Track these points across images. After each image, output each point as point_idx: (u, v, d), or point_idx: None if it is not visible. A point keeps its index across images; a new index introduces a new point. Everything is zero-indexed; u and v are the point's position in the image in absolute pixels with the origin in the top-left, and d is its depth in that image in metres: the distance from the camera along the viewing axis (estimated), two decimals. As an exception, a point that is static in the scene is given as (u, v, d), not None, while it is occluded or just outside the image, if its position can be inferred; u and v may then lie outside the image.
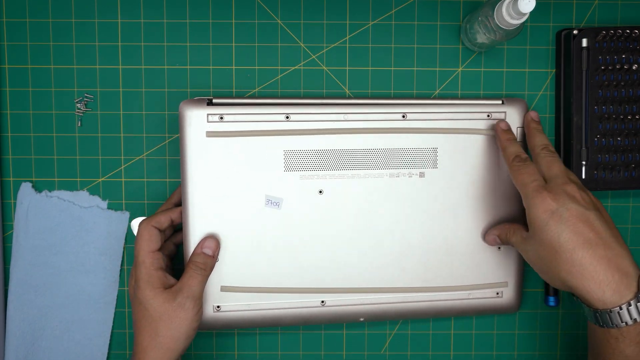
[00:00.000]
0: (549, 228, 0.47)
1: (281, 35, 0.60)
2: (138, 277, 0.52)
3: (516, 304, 0.60)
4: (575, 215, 0.47)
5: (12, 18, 0.59)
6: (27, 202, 0.60)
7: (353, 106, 0.56)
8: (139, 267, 0.52)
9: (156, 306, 0.50)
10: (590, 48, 0.57)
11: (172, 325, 0.50)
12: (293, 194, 0.56)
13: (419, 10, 0.60)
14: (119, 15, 0.59)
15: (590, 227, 0.47)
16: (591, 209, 0.48)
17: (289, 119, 0.55)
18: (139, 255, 0.52)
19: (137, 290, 0.51)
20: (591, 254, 0.46)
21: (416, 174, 0.57)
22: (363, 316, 0.58)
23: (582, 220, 0.47)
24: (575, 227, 0.47)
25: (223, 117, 0.54)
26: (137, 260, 0.52)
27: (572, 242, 0.46)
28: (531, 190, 0.49)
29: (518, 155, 0.53)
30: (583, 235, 0.47)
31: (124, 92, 0.60)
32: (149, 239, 0.52)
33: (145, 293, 0.51)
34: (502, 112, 0.57)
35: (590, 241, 0.46)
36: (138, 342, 0.51)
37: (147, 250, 0.52)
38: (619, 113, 0.58)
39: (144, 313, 0.51)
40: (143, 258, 0.52)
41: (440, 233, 0.58)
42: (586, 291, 0.46)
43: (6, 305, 0.60)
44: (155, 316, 0.50)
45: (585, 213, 0.47)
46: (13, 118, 0.60)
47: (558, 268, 0.47)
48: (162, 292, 0.51)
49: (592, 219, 0.47)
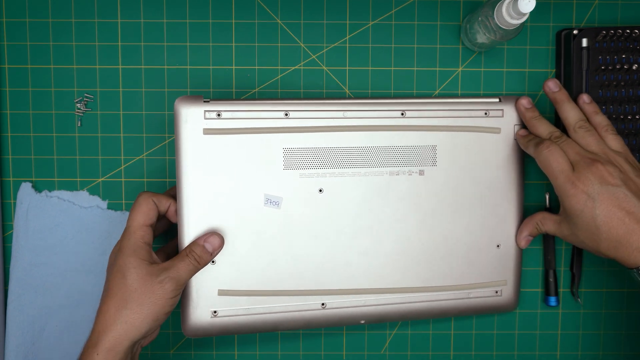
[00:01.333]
0: (584, 215, 0.51)
1: (281, 35, 0.60)
2: (124, 245, 0.50)
3: (515, 302, 0.60)
4: (606, 198, 0.50)
5: (12, 18, 0.59)
6: (27, 202, 0.60)
7: (352, 104, 0.55)
8: (130, 236, 0.50)
9: (136, 276, 0.48)
10: (590, 48, 0.57)
11: (145, 300, 0.48)
12: (293, 193, 0.55)
13: (419, 10, 0.60)
14: (119, 15, 0.59)
15: (621, 205, 0.49)
16: (620, 185, 0.50)
17: (288, 116, 0.54)
18: (132, 226, 0.50)
19: (120, 257, 0.49)
20: (624, 230, 0.49)
21: (416, 171, 0.56)
22: (364, 318, 0.58)
23: (612, 200, 0.50)
24: (607, 210, 0.50)
25: (220, 114, 0.53)
26: (129, 230, 0.50)
27: (607, 224, 0.50)
28: (561, 183, 0.51)
29: (541, 143, 0.53)
30: (616, 215, 0.49)
31: (124, 92, 0.60)
32: (146, 212, 0.51)
33: (129, 260, 0.49)
34: (499, 110, 0.57)
35: (623, 219, 0.49)
36: (102, 313, 0.48)
37: (141, 222, 0.50)
38: (619, 113, 0.58)
39: (119, 281, 0.48)
40: (135, 229, 0.50)
41: (440, 231, 0.58)
42: (625, 259, 0.50)
43: (6, 305, 0.60)
44: (131, 287, 0.48)
45: (615, 192, 0.50)
46: (13, 118, 0.60)
47: (598, 245, 0.51)
48: (146, 264, 0.49)
49: (622, 196, 0.50)
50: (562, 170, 0.51)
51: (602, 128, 0.54)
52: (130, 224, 0.51)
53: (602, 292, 0.63)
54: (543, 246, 0.62)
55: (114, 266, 0.49)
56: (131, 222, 0.51)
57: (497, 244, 0.59)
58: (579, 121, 0.54)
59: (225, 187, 0.53)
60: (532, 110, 0.56)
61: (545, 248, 0.62)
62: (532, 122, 0.56)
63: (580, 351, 0.63)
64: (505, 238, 0.59)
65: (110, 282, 0.49)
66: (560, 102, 0.55)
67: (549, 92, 0.56)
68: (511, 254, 0.59)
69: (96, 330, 0.48)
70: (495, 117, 0.57)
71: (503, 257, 0.59)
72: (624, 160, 0.52)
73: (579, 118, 0.54)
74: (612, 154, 0.52)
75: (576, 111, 0.54)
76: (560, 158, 0.52)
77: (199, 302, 0.54)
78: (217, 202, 0.53)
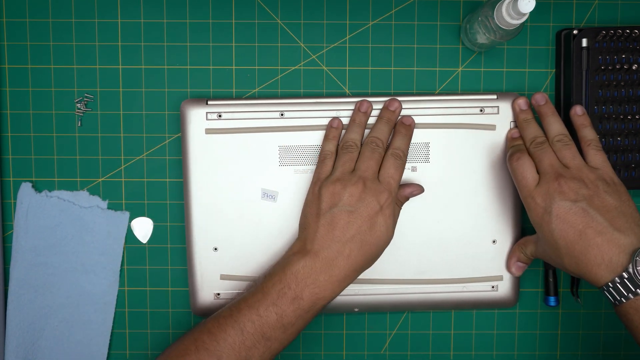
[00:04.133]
0: (543, 229, 0.51)
1: (281, 35, 0.60)
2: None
3: (513, 299, 0.61)
4: (561, 212, 0.49)
5: (12, 18, 0.59)
6: (27, 202, 0.60)
7: (346, 103, 0.58)
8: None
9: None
10: (590, 48, 0.57)
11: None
12: (288, 187, 0.58)
13: (419, 10, 0.60)
14: (119, 15, 0.59)
15: (579, 218, 0.48)
16: (579, 200, 0.49)
17: (283, 116, 0.57)
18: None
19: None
20: (582, 245, 0.48)
21: (408, 168, 0.58)
22: (357, 307, 0.60)
23: (568, 215, 0.49)
24: (563, 224, 0.49)
25: (221, 115, 0.57)
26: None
27: (565, 239, 0.49)
28: (524, 196, 0.52)
29: (514, 152, 0.54)
30: (573, 229, 0.49)
31: (124, 92, 0.60)
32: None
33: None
34: (495, 107, 0.58)
35: (581, 232, 0.48)
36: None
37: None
38: (619, 113, 0.58)
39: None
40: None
41: (433, 226, 0.59)
42: (588, 276, 0.49)
43: (6, 305, 0.60)
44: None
45: (572, 207, 0.49)
46: (13, 118, 0.60)
47: (562, 261, 0.50)
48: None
49: (579, 211, 0.49)
50: (525, 184, 0.52)
51: (586, 142, 0.53)
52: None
53: (602, 292, 0.63)
54: (543, 246, 0.62)
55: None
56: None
57: (493, 240, 0.59)
58: (559, 135, 0.53)
59: (226, 182, 0.58)
60: (526, 112, 0.56)
61: (545, 248, 0.62)
62: (522, 124, 0.56)
63: (580, 351, 0.63)
64: (501, 234, 0.59)
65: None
66: (545, 115, 0.55)
67: (535, 105, 0.56)
68: (507, 251, 0.59)
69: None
70: (490, 114, 0.58)
71: (499, 253, 0.59)
72: (598, 177, 0.51)
73: (559, 132, 0.53)
74: (587, 170, 0.51)
75: (558, 125, 0.54)
76: (527, 172, 0.52)
77: (203, 285, 0.59)
78: (219, 196, 0.58)
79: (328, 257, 0.50)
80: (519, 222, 0.59)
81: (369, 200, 0.51)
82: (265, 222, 0.58)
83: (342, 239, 0.50)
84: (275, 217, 0.58)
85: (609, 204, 0.49)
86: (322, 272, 0.50)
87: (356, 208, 0.51)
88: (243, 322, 0.50)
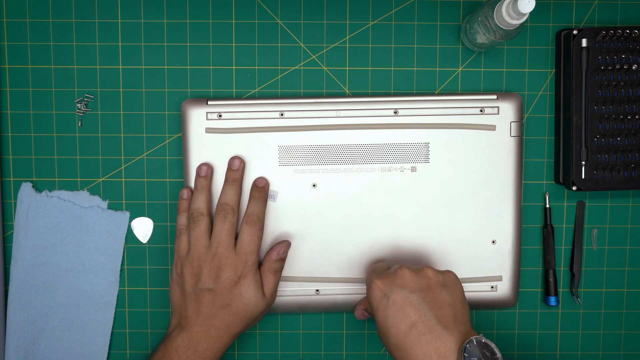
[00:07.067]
0: (379, 312, 0.50)
1: (281, 35, 0.60)
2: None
3: (512, 299, 0.61)
4: (399, 300, 0.49)
5: (12, 18, 0.59)
6: (28, 202, 0.60)
7: (345, 103, 0.58)
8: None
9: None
10: (590, 48, 0.57)
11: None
12: (288, 187, 0.58)
13: (419, 10, 0.60)
14: (119, 15, 0.59)
15: (411, 312, 0.48)
16: (417, 291, 0.49)
17: (283, 116, 0.58)
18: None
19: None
20: (412, 339, 0.47)
21: (408, 168, 0.58)
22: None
23: (404, 304, 0.49)
24: (399, 312, 0.49)
25: (221, 115, 0.57)
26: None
27: (396, 327, 0.48)
28: (367, 277, 0.54)
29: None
30: (406, 320, 0.48)
31: (124, 92, 0.60)
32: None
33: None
34: (495, 107, 0.58)
35: (412, 324, 0.48)
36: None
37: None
38: (618, 113, 0.58)
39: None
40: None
41: (433, 225, 0.59)
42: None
43: (6, 305, 0.60)
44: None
45: (410, 296, 0.49)
46: (13, 118, 0.60)
47: (390, 348, 0.49)
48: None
49: (415, 303, 0.49)
50: (371, 275, 0.53)
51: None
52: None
53: (601, 292, 0.63)
54: (543, 246, 0.62)
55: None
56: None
57: (493, 240, 0.59)
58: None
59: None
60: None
61: (545, 248, 0.62)
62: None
63: (580, 351, 0.63)
64: (501, 234, 0.59)
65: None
66: None
67: None
68: (507, 250, 0.60)
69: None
70: (490, 114, 0.58)
71: (498, 253, 0.59)
72: (440, 274, 0.51)
73: None
74: (433, 269, 0.51)
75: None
76: (375, 268, 0.55)
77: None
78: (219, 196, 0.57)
79: (202, 331, 0.53)
80: (518, 222, 0.59)
81: (226, 275, 0.53)
82: (265, 222, 0.58)
83: (210, 314, 0.53)
84: (275, 217, 0.59)
85: (442, 299, 0.49)
86: (200, 343, 0.52)
87: (215, 284, 0.53)
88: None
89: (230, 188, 0.56)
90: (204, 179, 0.57)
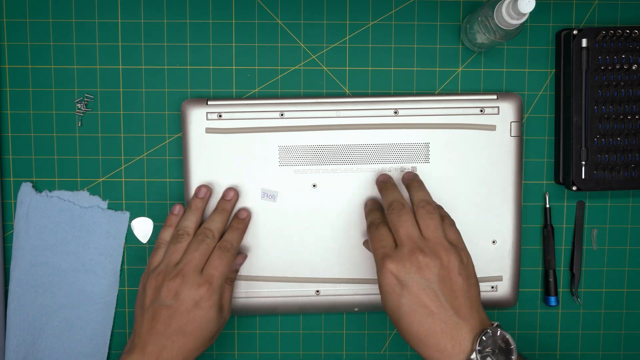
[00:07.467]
0: (391, 298, 0.48)
1: (281, 35, 0.60)
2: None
3: (513, 299, 0.61)
4: (415, 289, 0.47)
5: (12, 18, 0.59)
6: (28, 202, 0.60)
7: (345, 103, 0.58)
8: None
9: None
10: (590, 48, 0.57)
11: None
12: (288, 187, 0.58)
13: (419, 10, 0.60)
14: (119, 15, 0.59)
15: (428, 302, 0.47)
16: (434, 281, 0.48)
17: (283, 116, 0.58)
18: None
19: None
20: (426, 327, 0.47)
21: (408, 168, 0.58)
22: (357, 306, 0.60)
23: (421, 294, 0.47)
24: (414, 300, 0.47)
25: (221, 115, 0.57)
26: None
27: (410, 317, 0.47)
28: (378, 259, 0.50)
29: (372, 222, 0.53)
30: (420, 311, 0.47)
31: (124, 92, 0.60)
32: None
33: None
34: (495, 107, 0.58)
35: (426, 317, 0.47)
36: None
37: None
38: (618, 113, 0.58)
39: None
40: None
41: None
42: (425, 356, 0.48)
43: (6, 305, 0.60)
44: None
45: (426, 287, 0.48)
46: (13, 118, 0.60)
47: (402, 332, 0.49)
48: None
49: (431, 293, 0.47)
50: (379, 253, 0.50)
51: (446, 218, 0.52)
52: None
53: (601, 292, 0.63)
54: (543, 246, 0.62)
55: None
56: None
57: (493, 240, 0.59)
58: (422, 201, 0.51)
59: (226, 181, 0.58)
60: (385, 176, 0.57)
61: (545, 248, 0.62)
62: (382, 188, 0.55)
63: (580, 351, 0.63)
64: (501, 234, 0.59)
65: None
66: (411, 183, 0.54)
67: (405, 182, 0.56)
68: (507, 250, 0.60)
69: None
70: (490, 114, 0.58)
71: (498, 253, 0.59)
72: (456, 256, 0.49)
73: (422, 198, 0.52)
74: (446, 246, 0.49)
75: (423, 192, 0.53)
76: (384, 239, 0.50)
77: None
78: (219, 195, 0.58)
79: (154, 352, 0.50)
80: (518, 222, 0.59)
81: (186, 294, 0.51)
82: (265, 222, 0.59)
83: (165, 333, 0.50)
84: (275, 217, 0.59)
85: (458, 287, 0.48)
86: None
87: (173, 302, 0.51)
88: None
89: (218, 216, 0.56)
90: (200, 201, 0.56)
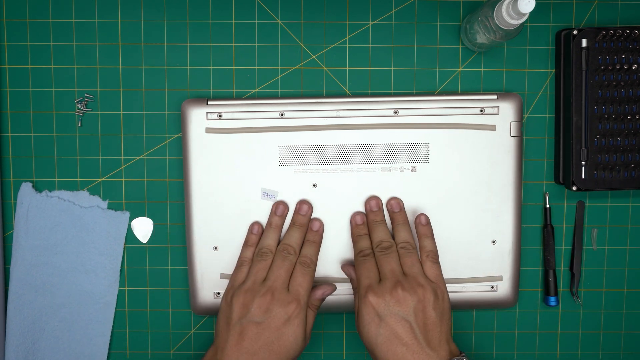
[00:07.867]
0: (370, 328, 0.51)
1: (281, 35, 0.60)
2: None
3: (513, 299, 0.61)
4: (392, 321, 0.50)
5: (12, 18, 0.59)
6: (28, 202, 0.60)
7: (345, 103, 0.58)
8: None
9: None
10: (590, 48, 0.57)
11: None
12: (288, 187, 0.59)
13: (419, 10, 0.60)
14: (119, 15, 0.59)
15: (402, 334, 0.50)
16: (410, 314, 0.50)
17: (283, 116, 0.58)
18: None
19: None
20: (399, 357, 0.49)
21: (408, 168, 0.58)
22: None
23: (397, 326, 0.50)
24: (390, 331, 0.50)
25: (221, 115, 0.58)
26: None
27: (386, 346, 0.50)
28: (360, 290, 0.52)
29: (362, 251, 0.56)
30: (395, 342, 0.50)
31: (124, 92, 0.60)
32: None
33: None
34: (495, 107, 0.58)
35: (401, 348, 0.49)
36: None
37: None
38: (618, 113, 0.58)
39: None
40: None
41: (432, 227, 0.58)
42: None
43: (6, 305, 0.60)
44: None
45: (401, 320, 0.50)
46: (13, 118, 0.60)
47: (375, 357, 0.51)
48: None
49: (407, 326, 0.50)
50: (366, 283, 0.52)
51: (425, 253, 0.55)
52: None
53: (601, 292, 0.63)
54: (543, 246, 0.62)
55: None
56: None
57: (493, 240, 0.59)
58: (403, 242, 0.55)
59: (226, 182, 0.58)
60: (376, 213, 0.58)
61: (545, 248, 0.62)
62: (372, 225, 0.57)
63: (579, 351, 0.63)
64: (501, 234, 0.59)
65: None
66: (396, 222, 0.57)
67: (389, 210, 0.58)
68: (507, 250, 0.60)
69: None
70: (490, 114, 0.58)
71: (498, 253, 0.59)
72: (431, 291, 0.51)
73: (404, 240, 0.55)
74: (421, 281, 0.52)
75: (406, 233, 0.56)
76: (370, 272, 0.53)
77: (204, 284, 0.59)
78: (219, 195, 0.58)
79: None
80: (518, 222, 0.59)
81: (277, 311, 0.52)
82: (265, 222, 0.58)
83: (251, 350, 0.51)
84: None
85: (431, 321, 0.51)
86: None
87: (264, 319, 0.51)
88: None
89: (296, 231, 0.57)
90: (279, 218, 0.58)
